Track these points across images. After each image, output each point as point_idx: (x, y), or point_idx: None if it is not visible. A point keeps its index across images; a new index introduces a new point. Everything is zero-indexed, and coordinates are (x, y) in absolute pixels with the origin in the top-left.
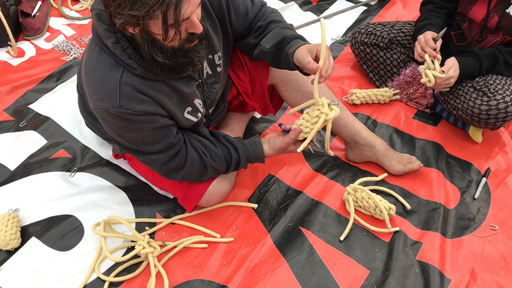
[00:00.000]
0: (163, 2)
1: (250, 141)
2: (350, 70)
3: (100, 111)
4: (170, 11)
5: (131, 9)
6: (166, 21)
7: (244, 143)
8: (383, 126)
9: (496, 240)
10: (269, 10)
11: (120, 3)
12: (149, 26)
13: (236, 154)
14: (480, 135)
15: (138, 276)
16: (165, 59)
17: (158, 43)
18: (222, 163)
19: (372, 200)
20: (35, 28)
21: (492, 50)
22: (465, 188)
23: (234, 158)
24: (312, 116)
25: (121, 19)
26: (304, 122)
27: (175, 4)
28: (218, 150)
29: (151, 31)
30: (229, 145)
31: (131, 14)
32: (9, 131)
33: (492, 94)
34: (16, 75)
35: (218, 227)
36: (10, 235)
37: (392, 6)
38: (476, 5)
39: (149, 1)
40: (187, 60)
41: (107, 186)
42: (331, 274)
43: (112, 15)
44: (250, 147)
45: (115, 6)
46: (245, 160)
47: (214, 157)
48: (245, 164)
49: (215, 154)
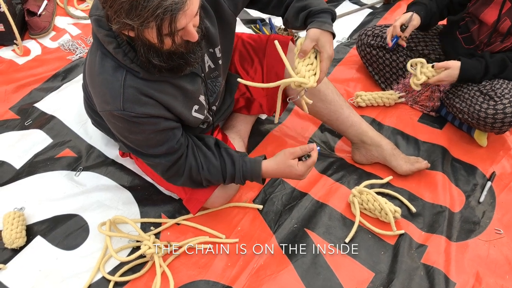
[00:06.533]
0: (157, 15)
1: (252, 158)
2: (356, 72)
3: (105, 113)
4: (164, 23)
5: (126, 18)
6: (160, 32)
7: (244, 160)
8: (388, 129)
9: (501, 244)
10: None
11: (116, 11)
12: (144, 34)
13: (232, 168)
14: (485, 139)
15: (143, 276)
16: (161, 62)
17: (153, 47)
18: (218, 176)
19: (378, 203)
20: (41, 27)
21: (502, 57)
22: (470, 191)
23: (229, 172)
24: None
25: (117, 24)
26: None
27: (170, 18)
28: (217, 161)
29: (146, 37)
30: (228, 158)
31: (126, 22)
32: (15, 129)
33: (499, 98)
34: (21, 73)
35: (223, 228)
36: (15, 234)
37: (398, 9)
38: (489, 8)
39: (144, 13)
40: (183, 61)
41: (113, 185)
42: (336, 276)
43: (109, 19)
44: (249, 164)
45: (111, 12)
46: (240, 176)
47: (211, 170)
48: (241, 180)
49: (213, 166)
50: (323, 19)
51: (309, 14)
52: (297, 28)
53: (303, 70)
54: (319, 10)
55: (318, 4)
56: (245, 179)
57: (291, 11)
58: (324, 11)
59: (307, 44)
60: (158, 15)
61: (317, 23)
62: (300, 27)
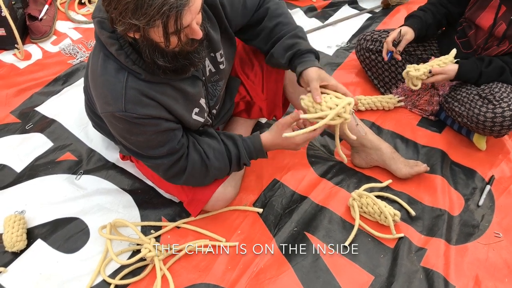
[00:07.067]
0: (163, 12)
1: (250, 135)
2: (355, 76)
3: (107, 115)
4: (170, 20)
5: (132, 18)
6: (166, 30)
7: (243, 138)
8: (388, 133)
9: (500, 247)
10: (272, 6)
11: (121, 12)
12: (150, 34)
13: (235, 149)
14: (484, 143)
15: (144, 279)
16: (166, 62)
17: (158, 48)
18: (224, 160)
19: (377, 206)
20: (42, 31)
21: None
22: (469, 195)
23: (233, 153)
24: (327, 103)
25: (122, 26)
26: (314, 104)
27: (176, 14)
28: (220, 146)
29: (151, 37)
30: (229, 140)
31: (132, 22)
32: (16, 133)
33: (498, 102)
34: (22, 77)
35: (223, 231)
36: (16, 237)
37: (397, 14)
38: (485, 12)
39: (150, 11)
40: (188, 61)
41: (113, 189)
42: (336, 279)
43: (113, 22)
44: (248, 140)
45: (116, 14)
46: (245, 154)
47: (217, 156)
48: (246, 158)
49: (218, 151)
50: (310, 59)
51: (296, 53)
52: (280, 66)
53: (329, 104)
54: (305, 51)
55: (306, 45)
56: (251, 157)
57: (280, 46)
58: (310, 51)
59: (315, 85)
60: (164, 12)
61: (308, 63)
62: (284, 64)
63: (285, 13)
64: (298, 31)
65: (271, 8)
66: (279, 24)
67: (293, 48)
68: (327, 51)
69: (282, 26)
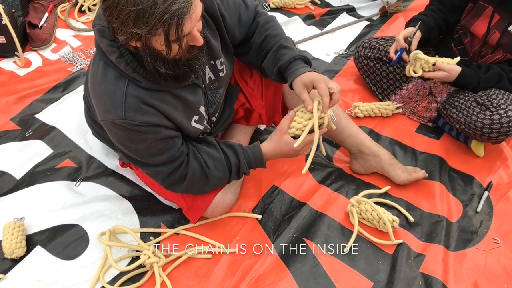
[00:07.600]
0: (165, 21)
1: (250, 145)
2: (353, 83)
3: (107, 122)
4: (172, 29)
5: (134, 27)
6: (168, 38)
7: (243, 148)
8: (386, 139)
9: (498, 253)
10: (262, 20)
11: (122, 21)
12: (152, 42)
13: (235, 158)
14: (482, 149)
15: (143, 285)
16: (167, 70)
17: (160, 56)
18: (224, 170)
19: (376, 212)
20: (42, 39)
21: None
22: (468, 201)
23: (233, 163)
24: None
25: (123, 35)
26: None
27: (177, 22)
28: (220, 155)
29: (153, 46)
30: (229, 150)
31: (133, 31)
32: (15, 140)
33: (495, 109)
34: (22, 85)
35: (222, 238)
36: (15, 244)
37: (395, 21)
38: (479, 20)
39: (152, 20)
40: (189, 68)
41: (112, 195)
42: (335, 285)
43: (115, 31)
44: (249, 150)
45: (118, 23)
46: (245, 164)
47: (217, 165)
48: (246, 168)
49: (218, 160)
50: (295, 67)
51: (281, 67)
52: (275, 81)
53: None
54: (288, 62)
55: (290, 54)
56: (250, 167)
57: (268, 61)
58: (294, 60)
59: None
60: (165, 20)
61: (292, 75)
62: (276, 80)
63: (274, 25)
64: (283, 41)
65: (260, 23)
66: (267, 37)
67: (279, 61)
68: (326, 58)
69: (269, 39)
